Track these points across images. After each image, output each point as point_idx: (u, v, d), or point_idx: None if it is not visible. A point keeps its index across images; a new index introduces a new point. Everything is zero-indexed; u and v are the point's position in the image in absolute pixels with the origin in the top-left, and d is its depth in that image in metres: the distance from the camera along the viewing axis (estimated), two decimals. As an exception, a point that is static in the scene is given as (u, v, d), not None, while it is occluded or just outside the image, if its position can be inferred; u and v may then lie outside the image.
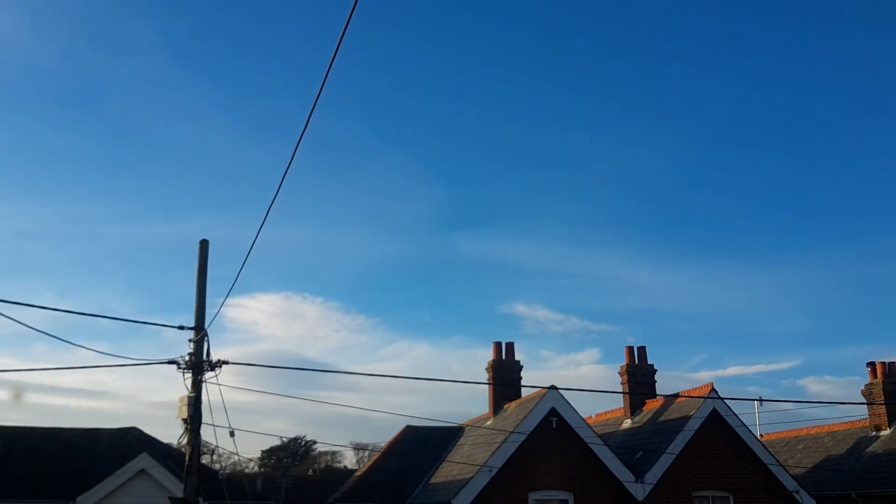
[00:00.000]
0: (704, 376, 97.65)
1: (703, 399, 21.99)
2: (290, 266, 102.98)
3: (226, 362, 14.26)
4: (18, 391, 34.28)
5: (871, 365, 27.53)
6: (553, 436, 21.14)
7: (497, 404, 25.85)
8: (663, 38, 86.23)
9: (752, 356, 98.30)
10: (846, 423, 28.63)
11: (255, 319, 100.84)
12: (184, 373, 14.24)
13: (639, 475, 20.97)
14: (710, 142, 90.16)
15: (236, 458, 46.80)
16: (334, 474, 42.96)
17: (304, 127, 8.90)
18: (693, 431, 21.49)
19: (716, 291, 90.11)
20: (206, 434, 14.59)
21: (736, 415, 22.16)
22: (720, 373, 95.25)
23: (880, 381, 26.92)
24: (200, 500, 16.39)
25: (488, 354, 26.29)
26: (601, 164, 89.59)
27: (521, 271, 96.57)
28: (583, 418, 21.76)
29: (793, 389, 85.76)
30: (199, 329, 14.46)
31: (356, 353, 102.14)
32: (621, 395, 25.92)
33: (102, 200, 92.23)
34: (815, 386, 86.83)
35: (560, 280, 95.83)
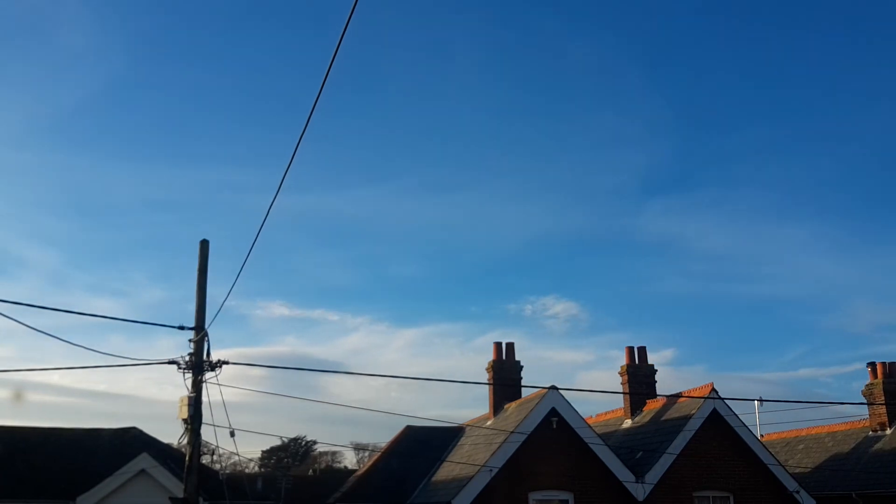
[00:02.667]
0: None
1: (703, 399, 21.98)
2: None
3: (226, 362, 14.27)
4: (20, 391, 34.23)
5: (872, 365, 27.52)
6: (553, 436, 21.13)
7: (497, 404, 25.84)
8: None
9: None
10: (847, 423, 28.62)
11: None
12: (184, 373, 14.24)
13: (639, 475, 20.97)
14: None
15: (236, 458, 46.82)
16: (334, 474, 42.91)
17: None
18: (693, 431, 21.47)
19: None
20: (207, 434, 14.61)
21: (736, 415, 22.17)
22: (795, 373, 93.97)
23: (880, 381, 26.91)
24: (201, 500, 16.40)
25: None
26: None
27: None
28: (583, 418, 21.77)
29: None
30: (200, 329, 14.46)
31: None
32: (621, 395, 25.91)
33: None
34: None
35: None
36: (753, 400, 31.62)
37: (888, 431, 26.38)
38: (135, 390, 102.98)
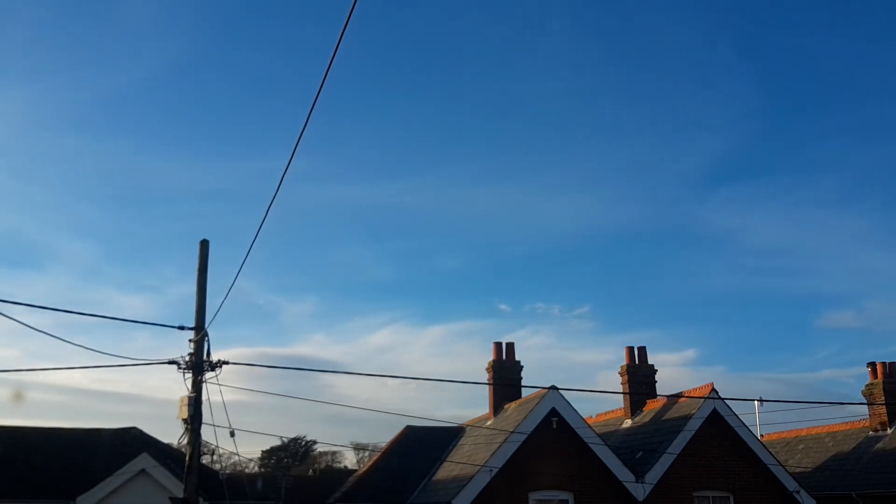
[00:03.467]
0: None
1: (703, 399, 21.97)
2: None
3: (226, 362, 14.26)
4: (20, 391, 34.23)
5: (872, 365, 27.52)
6: (553, 436, 21.12)
7: (497, 404, 25.84)
8: None
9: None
10: (847, 423, 28.62)
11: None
12: (184, 373, 14.23)
13: (639, 475, 20.96)
14: None
15: (236, 458, 46.83)
16: (334, 474, 42.94)
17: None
18: (693, 431, 21.46)
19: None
20: (207, 434, 14.60)
21: (736, 415, 22.16)
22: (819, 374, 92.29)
23: (880, 381, 26.90)
24: (201, 500, 16.40)
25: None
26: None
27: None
28: (583, 418, 21.76)
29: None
30: (200, 329, 14.45)
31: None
32: (621, 395, 25.91)
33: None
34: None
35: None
36: (753, 400, 31.60)
37: (888, 431, 26.37)
38: (157, 391, 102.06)
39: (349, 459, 62.60)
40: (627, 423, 25.78)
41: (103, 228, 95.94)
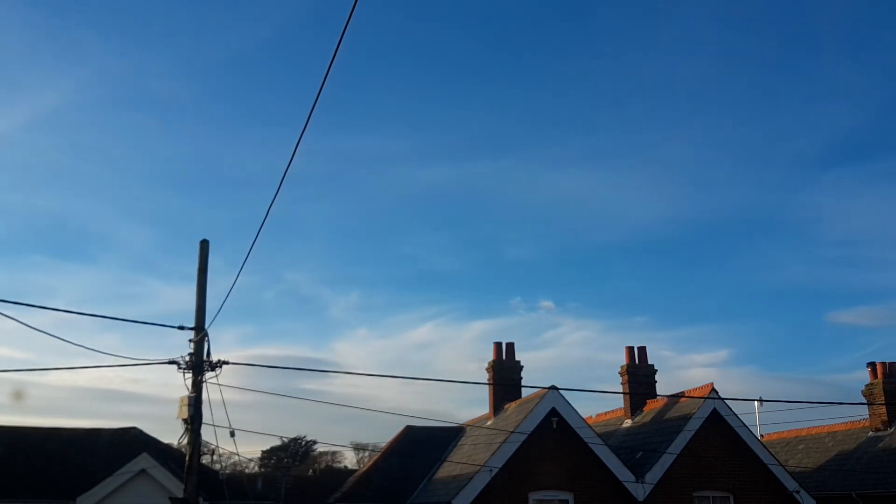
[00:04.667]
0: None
1: (703, 399, 21.97)
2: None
3: (226, 362, 14.27)
4: (20, 391, 34.24)
5: (872, 365, 27.52)
6: (553, 436, 21.12)
7: (497, 404, 25.84)
8: None
9: None
10: (847, 423, 28.61)
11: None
12: (184, 373, 14.24)
13: (639, 475, 20.96)
14: None
15: (236, 458, 46.81)
16: (334, 474, 42.92)
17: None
18: (693, 431, 21.47)
19: None
20: (207, 434, 14.60)
21: (736, 415, 22.16)
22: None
23: (880, 381, 26.90)
24: (201, 500, 16.40)
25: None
26: None
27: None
28: (583, 418, 21.77)
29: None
30: (200, 329, 14.46)
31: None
32: (621, 395, 25.91)
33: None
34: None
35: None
36: (754, 400, 31.60)
37: (888, 431, 26.37)
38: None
39: (349, 459, 62.57)
40: (627, 423, 25.79)
41: (163, 215, 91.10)
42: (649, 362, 25.73)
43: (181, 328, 14.36)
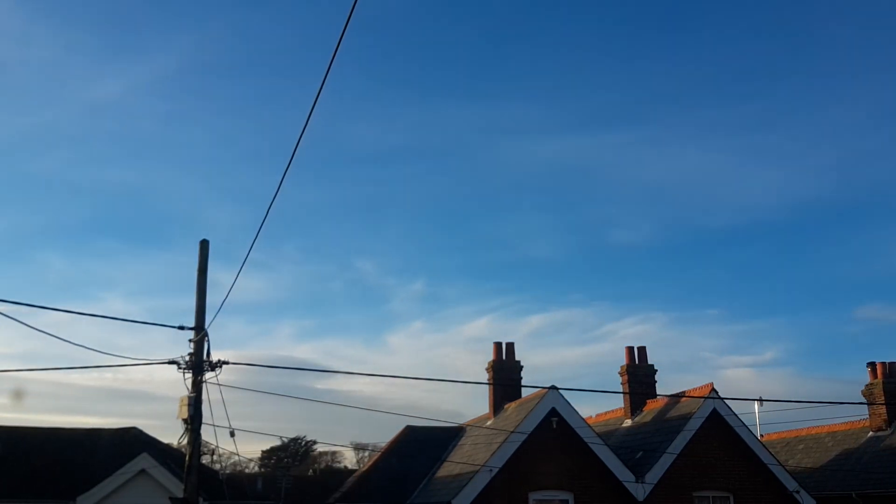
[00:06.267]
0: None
1: (703, 399, 21.98)
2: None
3: (226, 362, 14.27)
4: (20, 391, 34.24)
5: (872, 365, 27.52)
6: (553, 436, 21.13)
7: (497, 404, 25.84)
8: None
9: None
10: (847, 423, 28.61)
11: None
12: (184, 373, 14.24)
13: (639, 475, 20.97)
14: None
15: (236, 458, 46.82)
16: (334, 474, 42.89)
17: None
18: (693, 431, 21.47)
19: None
20: (207, 434, 14.61)
21: (736, 415, 22.16)
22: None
23: (880, 381, 26.90)
24: (201, 500, 16.40)
25: None
26: None
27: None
28: (583, 418, 21.77)
29: None
30: (200, 329, 14.46)
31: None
32: (621, 395, 25.92)
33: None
34: None
35: None
36: (754, 400, 31.59)
37: (888, 431, 26.37)
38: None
39: (349, 459, 62.56)
40: (627, 423, 25.80)
41: (255, 194, 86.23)
42: (649, 362, 25.76)
43: (181, 328, 14.36)
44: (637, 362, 25.65)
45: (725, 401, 22.03)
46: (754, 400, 31.10)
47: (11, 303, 11.64)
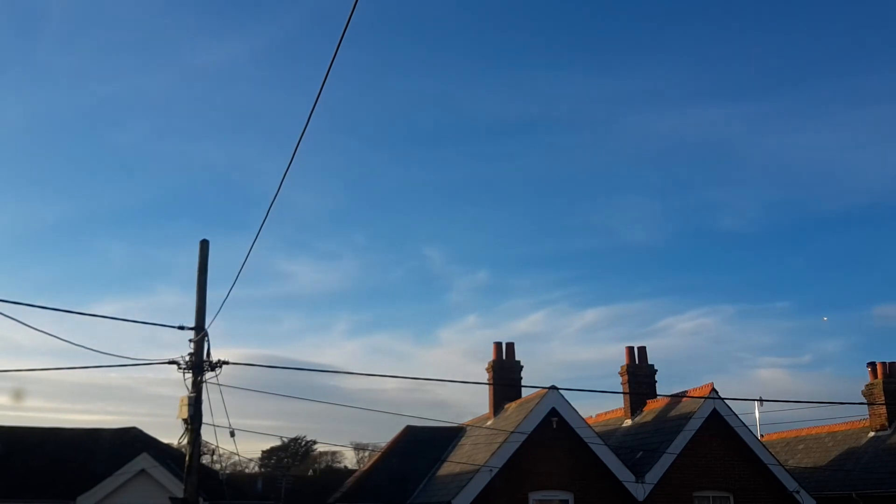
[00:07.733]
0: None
1: (703, 399, 21.98)
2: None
3: (226, 362, 14.27)
4: (19, 391, 34.24)
5: (872, 365, 27.52)
6: (553, 436, 21.12)
7: (497, 404, 25.84)
8: None
9: None
10: (847, 423, 28.63)
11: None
12: (184, 373, 14.24)
13: (639, 475, 20.96)
14: None
15: (236, 458, 46.85)
16: (334, 474, 42.93)
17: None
18: (693, 431, 21.47)
19: None
20: (207, 434, 14.60)
21: (736, 415, 22.17)
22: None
23: (880, 381, 26.91)
24: (201, 500, 16.41)
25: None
26: None
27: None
28: (583, 418, 21.77)
29: None
30: (200, 329, 14.46)
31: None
32: (621, 395, 25.92)
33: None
34: None
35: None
36: (754, 400, 31.59)
37: (888, 431, 26.38)
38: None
39: (349, 459, 62.57)
40: (627, 423, 25.80)
41: (352, 176, 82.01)
42: (649, 362, 25.76)
43: (181, 328, 14.36)
44: (637, 362, 25.65)
45: (726, 401, 22.03)
46: (754, 400, 31.11)
47: (12, 303, 11.64)
